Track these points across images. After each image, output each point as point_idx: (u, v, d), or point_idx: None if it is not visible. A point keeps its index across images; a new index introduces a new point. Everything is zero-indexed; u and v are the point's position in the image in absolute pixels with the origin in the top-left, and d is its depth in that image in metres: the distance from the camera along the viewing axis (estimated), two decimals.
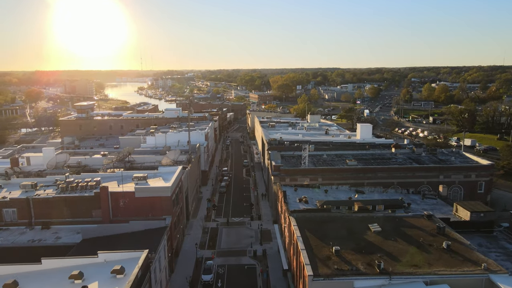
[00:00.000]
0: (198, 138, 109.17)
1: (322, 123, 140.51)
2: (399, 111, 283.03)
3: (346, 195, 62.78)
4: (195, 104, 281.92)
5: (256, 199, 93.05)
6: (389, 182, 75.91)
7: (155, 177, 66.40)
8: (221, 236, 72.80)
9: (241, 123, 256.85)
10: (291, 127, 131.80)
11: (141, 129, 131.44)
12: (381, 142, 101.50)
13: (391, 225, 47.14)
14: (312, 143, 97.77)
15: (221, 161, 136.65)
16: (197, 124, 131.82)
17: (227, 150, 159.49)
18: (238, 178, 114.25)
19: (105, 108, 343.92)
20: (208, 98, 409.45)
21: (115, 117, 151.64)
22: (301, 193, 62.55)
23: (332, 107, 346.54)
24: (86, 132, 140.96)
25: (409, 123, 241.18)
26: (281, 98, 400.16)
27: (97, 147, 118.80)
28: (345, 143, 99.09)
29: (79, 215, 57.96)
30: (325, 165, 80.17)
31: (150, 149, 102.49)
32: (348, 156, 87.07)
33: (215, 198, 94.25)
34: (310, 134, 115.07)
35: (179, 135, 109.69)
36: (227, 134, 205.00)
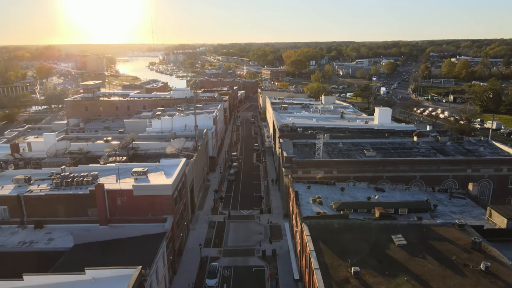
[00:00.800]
0: (206, 123, 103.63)
1: (337, 105, 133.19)
2: (418, 89, 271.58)
3: (365, 194, 56.99)
4: (205, 81, 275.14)
5: (266, 188, 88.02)
6: (411, 176, 69.77)
7: (157, 171, 61.48)
8: (228, 232, 68.29)
9: (253, 101, 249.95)
10: (304, 109, 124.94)
11: (148, 111, 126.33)
12: (402, 128, 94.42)
13: (417, 237, 41.43)
14: (326, 129, 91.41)
15: (230, 144, 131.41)
16: (206, 106, 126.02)
17: (237, 132, 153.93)
18: (248, 164, 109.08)
19: (116, 85, 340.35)
20: (219, 74, 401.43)
21: (121, 97, 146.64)
22: (314, 191, 56.98)
23: (347, 84, 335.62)
24: (92, 113, 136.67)
25: (428, 102, 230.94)
26: (294, 74, 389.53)
27: (102, 130, 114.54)
28: (362, 129, 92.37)
29: (74, 214, 53.72)
30: (340, 155, 74.13)
31: (155, 134, 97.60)
32: (365, 145, 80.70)
33: (223, 187, 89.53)
34: (324, 118, 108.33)
35: (186, 118, 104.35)
36: (237, 113, 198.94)
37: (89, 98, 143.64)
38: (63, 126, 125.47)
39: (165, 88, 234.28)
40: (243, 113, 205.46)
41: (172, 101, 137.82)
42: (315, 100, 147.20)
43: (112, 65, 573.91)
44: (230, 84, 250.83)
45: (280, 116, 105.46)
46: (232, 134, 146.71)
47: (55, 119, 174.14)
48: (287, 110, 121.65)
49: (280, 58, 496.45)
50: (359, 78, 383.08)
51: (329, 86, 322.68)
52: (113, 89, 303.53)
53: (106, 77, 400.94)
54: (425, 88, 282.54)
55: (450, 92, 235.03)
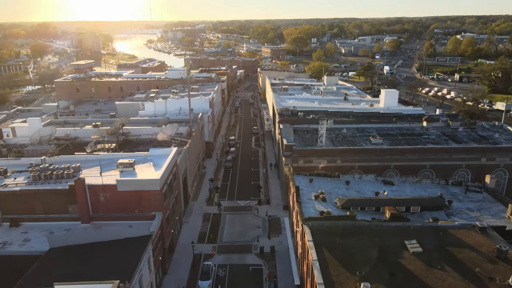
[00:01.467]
0: (202, 106, 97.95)
1: (339, 86, 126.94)
2: (422, 67, 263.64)
3: (372, 188, 52.05)
4: (203, 60, 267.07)
5: (265, 176, 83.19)
6: (420, 165, 64.74)
7: (145, 162, 56.39)
8: (224, 226, 63.80)
9: (252, 81, 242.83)
10: (306, 90, 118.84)
11: (141, 92, 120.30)
12: (410, 112, 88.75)
13: (434, 243, 36.68)
14: (329, 113, 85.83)
15: (228, 127, 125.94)
16: (202, 88, 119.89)
17: (235, 114, 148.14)
18: (247, 149, 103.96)
19: (112, 64, 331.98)
20: (218, 52, 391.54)
21: (114, 77, 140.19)
22: (317, 185, 52.02)
23: (349, 62, 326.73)
24: (83, 94, 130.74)
25: (433, 81, 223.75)
26: (295, 52, 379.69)
27: (93, 113, 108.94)
28: (367, 113, 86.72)
29: (53, 211, 48.99)
30: (345, 142, 68.87)
31: (148, 119, 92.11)
32: (371, 130, 75.34)
33: (219, 175, 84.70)
34: (327, 100, 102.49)
35: (180, 101, 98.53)
36: (236, 94, 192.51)
37: (80, 78, 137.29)
38: (53, 108, 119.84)
39: (162, 67, 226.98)
40: (242, 93, 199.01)
41: (167, 82, 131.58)
42: (317, 80, 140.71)
43: (109, 43, 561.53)
44: (229, 63, 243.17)
45: (280, 99, 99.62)
46: (230, 117, 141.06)
47: (48, 100, 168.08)
48: (288, 91, 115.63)
49: (281, 36, 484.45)
50: (361, 56, 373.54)
51: (331, 64, 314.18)
52: (110, 68, 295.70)
53: (102, 55, 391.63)
54: (429, 66, 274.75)
55: (456, 71, 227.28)
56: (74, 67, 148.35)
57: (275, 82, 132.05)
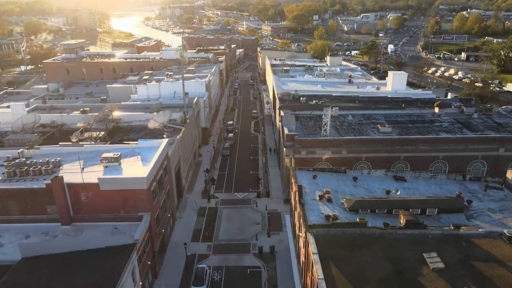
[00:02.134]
0: (198, 89, 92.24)
1: (343, 67, 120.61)
2: (428, 46, 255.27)
3: (382, 185, 47.22)
4: (201, 39, 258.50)
5: (264, 166, 78.40)
6: (432, 156, 59.77)
7: (133, 155, 51.44)
8: (220, 222, 59.41)
9: (252, 60, 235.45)
10: (308, 72, 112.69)
11: (134, 74, 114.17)
12: (419, 96, 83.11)
13: (456, 255, 32.11)
14: (333, 98, 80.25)
15: (226, 111, 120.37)
16: (198, 69, 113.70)
17: (234, 96, 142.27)
18: (245, 135, 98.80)
19: (108, 42, 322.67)
20: (217, 30, 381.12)
21: (107, 58, 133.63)
22: (321, 182, 47.12)
23: (352, 40, 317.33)
24: (74, 76, 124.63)
25: (439, 60, 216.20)
26: (296, 30, 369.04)
27: (84, 97, 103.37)
28: (374, 98, 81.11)
29: (30, 211, 44.37)
30: (350, 131, 63.69)
31: (140, 103, 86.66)
32: (379, 117, 70.02)
33: (216, 164, 79.87)
34: (330, 83, 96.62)
35: (175, 84, 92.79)
36: (235, 74, 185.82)
37: (71, 59, 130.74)
38: (43, 91, 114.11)
39: (158, 46, 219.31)
40: (241, 73, 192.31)
41: (162, 62, 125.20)
42: (320, 61, 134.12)
43: (106, 20, 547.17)
44: (228, 41, 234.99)
45: (281, 82, 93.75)
46: (228, 99, 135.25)
47: (40, 82, 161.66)
48: (289, 73, 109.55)
49: (282, 13, 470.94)
50: (364, 34, 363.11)
51: (333, 43, 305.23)
52: (105, 47, 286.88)
53: (98, 34, 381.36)
54: (435, 45, 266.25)
55: (464, 50, 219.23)
56: (64, 47, 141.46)
57: (276, 62, 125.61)
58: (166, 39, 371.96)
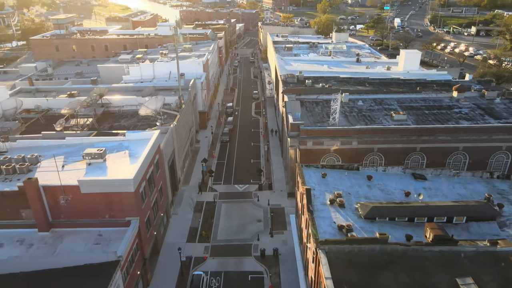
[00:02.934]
0: (194, 70, 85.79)
1: (350, 44, 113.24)
2: (436, 19, 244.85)
3: (400, 185, 41.90)
4: (200, 13, 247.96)
5: (266, 154, 73.08)
6: (452, 147, 54.28)
7: (120, 149, 46.00)
8: (219, 219, 54.60)
9: (252, 35, 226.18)
10: (312, 50, 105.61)
11: (127, 52, 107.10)
12: (434, 77, 76.69)
13: (495, 280, 27.18)
14: (341, 80, 73.95)
15: (226, 91, 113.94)
16: (196, 47, 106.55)
17: (234, 74, 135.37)
18: (246, 118, 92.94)
19: (103, 16, 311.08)
20: (216, 3, 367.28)
21: (99, 34, 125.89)
22: (332, 182, 41.78)
23: (357, 14, 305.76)
24: (64, 54, 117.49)
25: (448, 35, 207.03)
26: (298, 3, 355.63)
27: (74, 77, 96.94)
28: (385, 80, 74.77)
29: (3, 216, 39.40)
30: (361, 119, 57.94)
31: (132, 86, 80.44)
32: (391, 102, 64.10)
33: (214, 152, 74.50)
34: (337, 62, 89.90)
35: (170, 64, 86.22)
36: (235, 51, 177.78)
37: (60, 36, 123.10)
38: (32, 70, 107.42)
39: (155, 21, 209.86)
40: (241, 50, 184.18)
41: (158, 39, 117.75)
42: (324, 37, 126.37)
43: None
44: (228, 16, 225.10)
45: (284, 62, 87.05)
46: (228, 78, 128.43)
47: (31, 59, 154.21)
48: (292, 51, 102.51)
49: None
50: (369, 7, 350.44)
51: (337, 17, 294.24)
52: (100, 21, 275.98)
53: (93, 7, 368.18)
54: (443, 18, 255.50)
55: (475, 23, 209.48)
56: (54, 22, 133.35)
57: (278, 39, 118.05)
58: (164, 12, 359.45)
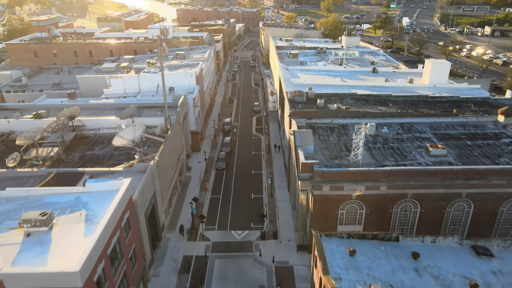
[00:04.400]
0: (186, 82, 74.16)
1: (362, 49, 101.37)
2: (446, 18, 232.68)
3: (459, 266, 30.28)
4: (198, 12, 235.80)
5: (270, 188, 61.46)
6: (506, 193, 42.68)
7: (75, 208, 34.35)
8: (211, 284, 43.02)
9: (253, 36, 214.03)
10: (320, 56, 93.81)
11: (112, 60, 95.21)
12: (467, 92, 64.88)
13: None
14: (359, 99, 62.08)
15: (224, 102, 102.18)
16: (189, 53, 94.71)
17: (233, 81, 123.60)
18: (246, 137, 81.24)
19: (97, 15, 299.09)
20: (216, 1, 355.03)
21: (84, 38, 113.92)
22: (363, 264, 30.02)
23: (362, 12, 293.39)
24: (44, 60, 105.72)
25: (461, 36, 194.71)
26: (301, 1, 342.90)
27: (50, 88, 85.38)
28: (411, 97, 62.91)
29: None
30: (389, 154, 46.30)
31: (113, 103, 68.87)
32: (423, 129, 52.49)
33: (208, 184, 62.78)
34: (350, 73, 78.11)
35: (159, 76, 74.40)
36: (234, 53, 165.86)
37: (40, 39, 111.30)
38: (7, 78, 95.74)
39: (149, 21, 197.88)
40: (241, 52, 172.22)
41: (148, 44, 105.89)
42: (333, 41, 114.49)
43: None
44: (227, 15, 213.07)
45: (289, 73, 75.23)
46: (226, 86, 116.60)
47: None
48: (298, 58, 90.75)
49: None
50: (374, 5, 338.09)
51: (341, 15, 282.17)
52: (94, 21, 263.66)
53: (86, 5, 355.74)
54: (452, 16, 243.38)
55: (488, 23, 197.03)
56: (34, 24, 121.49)
57: (282, 44, 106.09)
58: (161, 10, 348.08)
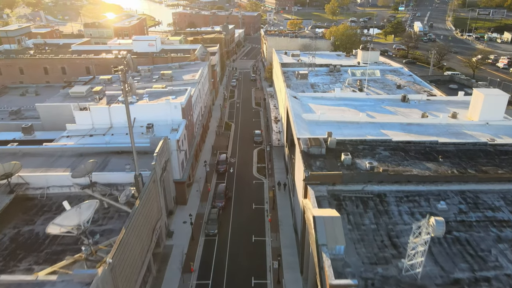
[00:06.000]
0: (169, 115, 58.82)
1: (383, 66, 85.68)
2: (460, 22, 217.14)
3: None
4: (195, 16, 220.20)
5: (277, 272, 45.98)
6: None
7: None
8: None
9: (254, 42, 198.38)
10: (334, 76, 78.35)
11: (84, 82, 79.46)
12: None
13: None
14: (395, 148, 46.35)
15: (219, 129, 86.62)
16: (179, 73, 79.15)
17: (231, 99, 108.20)
18: (245, 180, 65.60)
19: (90, 18, 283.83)
20: (216, 2, 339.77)
21: (58, 51, 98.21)
22: None
23: (369, 16, 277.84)
24: (9, 78, 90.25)
25: (481, 43, 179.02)
26: (304, 3, 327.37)
27: (7, 118, 70.07)
28: (464, 145, 47.27)
29: None
30: (458, 255, 30.89)
31: (73, 146, 53.47)
32: (496, 203, 37.04)
33: (193, 265, 47.00)
34: (375, 103, 62.47)
35: (136, 108, 58.81)
36: (233, 64, 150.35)
37: (7, 52, 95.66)
38: None
39: (142, 26, 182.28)
40: (241, 62, 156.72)
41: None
42: (346, 55, 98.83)
43: None
44: (226, 19, 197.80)
45: (299, 104, 59.59)
46: (223, 106, 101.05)
47: None
48: (308, 80, 75.30)
49: None
50: (381, 7, 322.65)
51: (347, 18, 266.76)
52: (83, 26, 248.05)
53: (80, 7, 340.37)
54: (466, 20, 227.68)
55: (507, 27, 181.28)
56: (2, 34, 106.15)
57: (288, 61, 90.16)
58: (158, 13, 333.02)
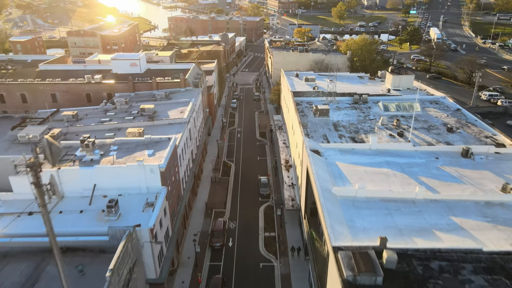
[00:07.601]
0: (144, 182, 42.07)
1: (420, 96, 68.69)
2: (479, 28, 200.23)
3: None
4: (193, 21, 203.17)
5: None
6: None
7: None
8: None
9: (256, 51, 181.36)
10: (361, 110, 61.63)
11: (41, 119, 62.67)
12: None
13: None
14: (488, 267, 29.34)
15: (215, 175, 69.78)
16: (164, 107, 62.29)
17: (231, 127, 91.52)
18: (249, 263, 48.86)
19: (84, 21, 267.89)
20: (215, 4, 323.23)
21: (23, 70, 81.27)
22: None
23: (377, 19, 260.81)
24: None
25: (504, 52, 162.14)
26: (308, 5, 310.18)
27: None
28: None
29: None
30: None
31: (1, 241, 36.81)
32: None
33: None
34: (426, 161, 45.61)
35: (96, 172, 42.18)
36: (234, 78, 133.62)
37: None
38: None
39: (134, 32, 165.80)
40: (242, 75, 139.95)
41: (107, 86, 73.23)
42: (370, 77, 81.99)
43: None
44: (226, 25, 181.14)
45: (324, 164, 42.74)
46: (221, 137, 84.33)
47: None
48: (329, 117, 58.54)
49: None
50: (390, 10, 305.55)
51: (355, 23, 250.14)
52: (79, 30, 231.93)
53: (73, 11, 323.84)
54: (484, 25, 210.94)
55: None
56: None
57: (301, 88, 72.59)
58: (156, 15, 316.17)
